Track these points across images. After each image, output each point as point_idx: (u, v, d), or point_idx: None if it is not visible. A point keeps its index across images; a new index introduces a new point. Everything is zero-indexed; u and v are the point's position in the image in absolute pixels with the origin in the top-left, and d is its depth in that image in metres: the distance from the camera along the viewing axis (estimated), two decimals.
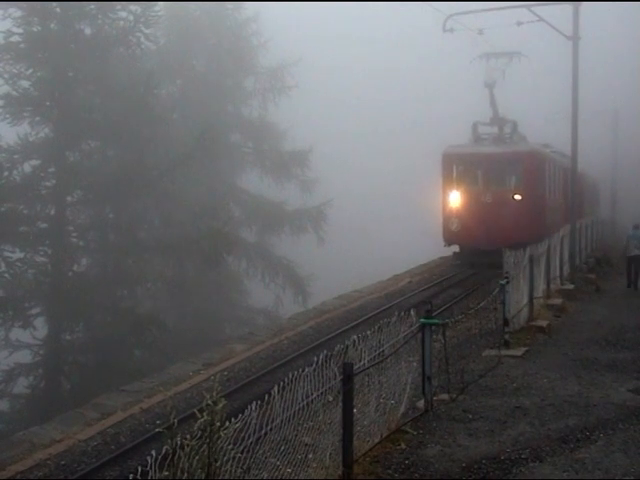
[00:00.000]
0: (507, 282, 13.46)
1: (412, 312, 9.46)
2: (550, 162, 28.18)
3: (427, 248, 31.16)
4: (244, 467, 5.95)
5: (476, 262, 24.89)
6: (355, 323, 17.38)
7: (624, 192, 54.16)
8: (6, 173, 22.74)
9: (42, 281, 23.77)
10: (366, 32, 64.78)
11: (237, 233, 32.16)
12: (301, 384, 6.71)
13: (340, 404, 7.32)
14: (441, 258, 29.22)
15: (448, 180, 26.34)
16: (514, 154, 25.64)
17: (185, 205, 27.63)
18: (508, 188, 25.83)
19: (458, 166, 26.54)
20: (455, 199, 26.01)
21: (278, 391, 6.44)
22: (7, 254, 22.92)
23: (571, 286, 20.68)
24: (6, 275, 22.79)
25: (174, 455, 5.20)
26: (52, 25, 24.39)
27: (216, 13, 34.28)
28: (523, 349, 13.38)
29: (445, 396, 10.35)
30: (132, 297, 26.53)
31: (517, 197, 25.17)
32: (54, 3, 24.13)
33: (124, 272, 25.36)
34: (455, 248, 26.97)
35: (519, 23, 23.97)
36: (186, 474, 5.28)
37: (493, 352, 13.03)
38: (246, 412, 5.89)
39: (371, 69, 61.81)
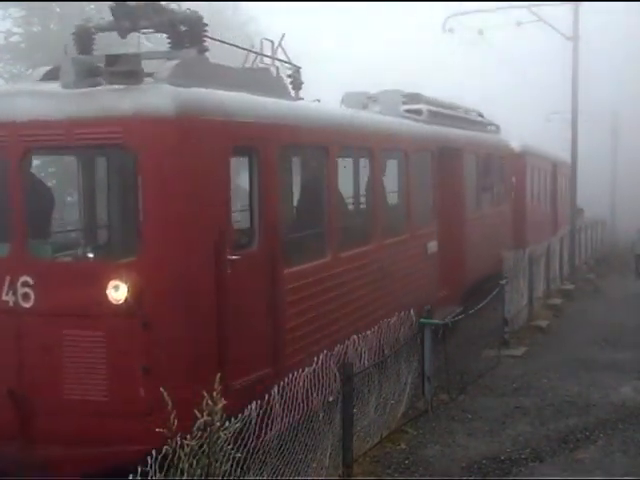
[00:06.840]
0: (507, 282, 13.47)
1: (412, 312, 9.45)
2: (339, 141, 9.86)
3: None
4: (244, 467, 5.95)
5: None
6: None
7: (624, 192, 54.19)
8: None
9: None
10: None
11: None
12: (301, 384, 6.71)
13: (340, 404, 7.32)
14: None
15: None
16: (98, 127, 6.69)
17: None
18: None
19: None
20: None
21: (278, 391, 6.44)
22: None
23: (571, 286, 20.66)
24: None
25: (174, 455, 5.19)
26: (52, 25, 24.40)
27: (216, 13, 34.24)
28: (523, 349, 13.38)
29: (445, 396, 10.34)
30: None
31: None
32: (54, 3, 24.14)
33: None
34: None
35: (519, 23, 23.99)
36: (186, 474, 5.27)
37: (493, 352, 13.02)
38: (246, 412, 5.89)
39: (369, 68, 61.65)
